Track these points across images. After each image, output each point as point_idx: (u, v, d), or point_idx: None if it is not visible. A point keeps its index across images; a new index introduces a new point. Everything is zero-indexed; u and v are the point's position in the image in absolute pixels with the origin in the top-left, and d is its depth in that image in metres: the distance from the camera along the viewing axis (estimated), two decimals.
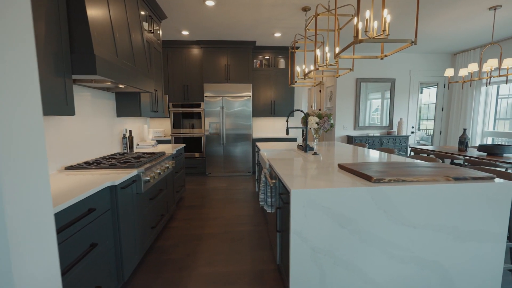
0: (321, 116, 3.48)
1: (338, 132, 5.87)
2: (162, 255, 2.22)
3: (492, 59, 3.31)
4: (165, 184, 2.68)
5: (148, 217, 2.19)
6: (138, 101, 2.81)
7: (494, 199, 1.48)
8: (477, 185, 1.46)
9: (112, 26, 1.98)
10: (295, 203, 1.37)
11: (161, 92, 3.54)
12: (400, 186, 1.42)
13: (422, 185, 1.43)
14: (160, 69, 3.53)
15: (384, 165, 1.81)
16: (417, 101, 6.00)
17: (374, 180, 1.47)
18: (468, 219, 1.48)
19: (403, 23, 3.99)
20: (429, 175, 1.53)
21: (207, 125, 4.93)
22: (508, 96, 6.02)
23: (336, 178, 1.58)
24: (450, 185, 1.45)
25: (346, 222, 1.40)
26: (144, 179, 1.98)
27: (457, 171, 1.61)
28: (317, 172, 1.76)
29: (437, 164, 1.83)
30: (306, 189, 1.37)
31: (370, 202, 1.40)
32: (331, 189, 1.38)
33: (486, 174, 1.53)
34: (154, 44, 3.28)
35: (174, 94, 4.95)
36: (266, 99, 5.30)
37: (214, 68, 4.86)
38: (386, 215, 1.42)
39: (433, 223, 1.46)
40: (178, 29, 4.21)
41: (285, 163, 2.11)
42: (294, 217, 1.37)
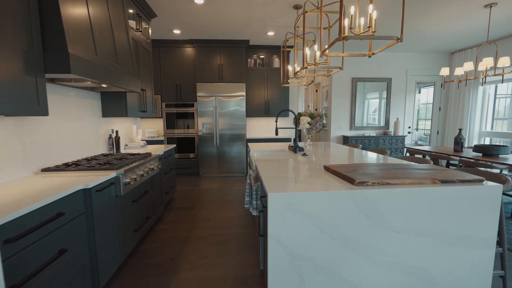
0: (313, 116, 3.41)
1: (334, 132, 5.80)
2: (145, 259, 2.16)
3: (488, 58, 3.24)
4: (151, 186, 2.62)
5: (131, 220, 2.13)
6: (124, 101, 2.75)
7: (483, 203, 1.42)
8: (465, 188, 1.40)
9: (91, 24, 1.92)
10: (273, 207, 1.31)
11: (150, 92, 3.48)
12: (384, 189, 1.35)
13: (407, 188, 1.37)
14: (150, 69, 3.47)
15: (371, 167, 1.75)
16: (414, 101, 5.93)
17: (357, 183, 1.40)
18: (455, 224, 1.41)
19: (394, 22, 3.92)
20: (415, 177, 1.47)
21: (200, 125, 4.86)
22: (506, 95, 5.95)
23: (319, 181, 1.52)
24: (437, 188, 1.38)
25: (327, 227, 1.34)
26: (124, 181, 1.91)
27: (445, 174, 1.54)
28: (302, 174, 1.70)
29: (426, 166, 1.76)
30: (284, 192, 1.30)
31: (352, 206, 1.34)
32: (310, 192, 1.31)
33: (475, 177, 1.46)
34: (143, 43, 3.22)
35: (166, 94, 4.89)
36: (260, 99, 5.24)
37: (207, 68, 4.80)
38: (369, 220, 1.36)
39: (418, 228, 1.40)
40: (170, 28, 4.15)
41: (271, 164, 2.05)
42: (271, 222, 1.31)
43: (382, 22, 3.92)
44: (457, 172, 1.59)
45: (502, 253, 1.60)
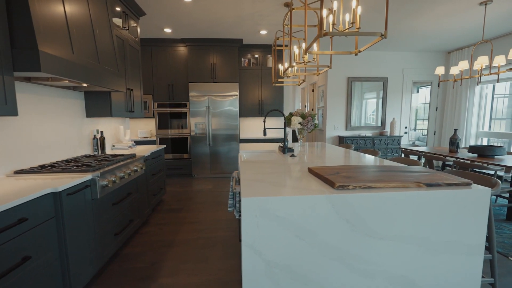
0: (305, 116, 3.35)
1: (329, 133, 5.73)
2: (125, 263, 2.09)
3: (483, 57, 3.17)
4: (135, 188, 2.55)
5: (110, 224, 2.06)
6: (108, 101, 2.68)
7: (470, 207, 1.35)
8: (451, 192, 1.33)
9: (67, 22, 1.85)
10: (246, 213, 1.24)
11: (139, 92, 3.41)
12: (365, 193, 1.28)
13: (390, 192, 1.30)
14: (138, 68, 3.41)
15: (356, 169, 1.68)
16: (410, 100, 5.86)
17: (337, 186, 1.33)
18: (441, 230, 1.34)
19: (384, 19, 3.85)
20: (400, 181, 1.40)
21: (193, 125, 4.80)
22: (504, 95, 5.87)
23: (299, 184, 1.45)
24: (422, 192, 1.31)
25: (304, 234, 1.27)
26: (102, 184, 1.85)
27: (431, 177, 1.47)
28: (284, 177, 1.63)
29: (413, 168, 1.69)
30: (258, 197, 1.24)
31: (330, 211, 1.27)
32: (286, 197, 1.24)
33: (462, 180, 1.39)
34: (130, 41, 3.15)
35: (158, 93, 4.82)
36: (254, 99, 5.17)
37: (200, 67, 4.74)
38: (349, 226, 1.29)
39: (402, 234, 1.33)
40: (160, 26, 4.09)
41: (256, 166, 1.98)
42: (245, 228, 1.24)
43: (371, 19, 3.85)
44: (444, 174, 1.52)
45: (491, 259, 1.53)
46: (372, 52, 5.57)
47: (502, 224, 2.74)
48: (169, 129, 4.87)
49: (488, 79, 5.06)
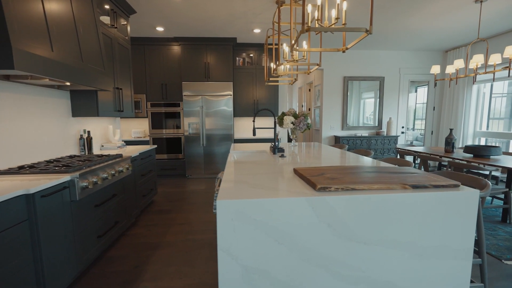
0: (297, 115, 3.29)
1: (325, 132, 5.67)
2: (108, 266, 2.04)
3: (478, 55, 3.11)
4: (121, 188, 2.49)
5: (93, 226, 2.01)
6: (95, 100, 2.62)
7: (458, 210, 1.29)
8: (438, 194, 1.27)
9: (46, 19, 1.80)
10: (222, 216, 1.18)
11: (129, 91, 3.36)
12: (346, 195, 1.23)
13: (373, 195, 1.24)
14: (128, 66, 3.35)
15: (341, 170, 1.62)
16: (407, 100, 5.80)
17: (318, 188, 1.28)
18: (427, 234, 1.29)
19: (378, 17, 3.79)
20: (385, 182, 1.34)
21: (187, 125, 4.74)
22: (502, 94, 5.81)
23: (281, 186, 1.40)
24: (407, 194, 1.26)
25: (283, 238, 1.21)
26: (81, 185, 1.79)
27: (418, 178, 1.41)
28: (267, 178, 1.57)
29: (401, 169, 1.64)
30: (234, 199, 1.18)
31: (311, 215, 1.21)
32: (264, 199, 1.19)
33: (450, 182, 1.33)
34: (119, 40, 3.10)
35: (152, 93, 4.77)
36: (249, 98, 5.11)
37: (193, 66, 4.68)
38: (330, 230, 1.23)
39: (386, 238, 1.27)
40: (152, 25, 4.03)
41: (241, 166, 1.93)
42: (221, 232, 1.19)
43: (363, 17, 3.79)
44: (433, 176, 1.46)
45: (481, 264, 1.47)
46: (368, 51, 5.51)
47: (497, 225, 2.69)
48: (162, 129, 4.82)
49: (485, 78, 5.00)
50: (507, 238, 2.41)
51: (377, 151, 5.46)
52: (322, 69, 5.56)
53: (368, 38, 4.68)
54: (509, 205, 2.72)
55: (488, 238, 2.41)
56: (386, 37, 4.64)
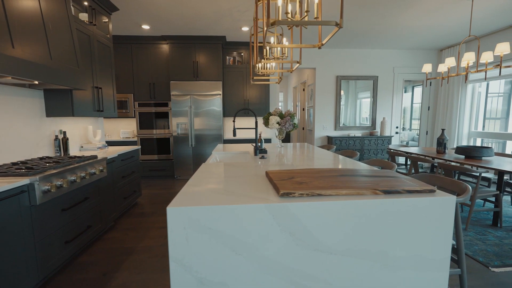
0: (283, 115, 3.20)
1: (318, 133, 5.58)
2: (76, 273, 1.95)
3: (469, 53, 3.01)
4: (95, 191, 2.40)
5: (59, 231, 1.91)
6: (69, 99, 2.53)
7: (433, 218, 1.19)
8: (411, 200, 1.18)
9: (6, 15, 1.71)
10: (173, 224, 1.09)
11: (111, 90, 3.27)
12: (310, 202, 1.13)
13: (341, 201, 1.15)
14: (110, 65, 3.26)
15: (314, 173, 1.52)
16: (402, 99, 5.70)
17: (281, 194, 1.18)
18: (400, 243, 1.19)
19: (369, 15, 3.70)
20: (355, 187, 1.25)
21: (175, 125, 4.65)
22: (498, 94, 5.70)
23: (246, 191, 1.30)
24: (377, 200, 1.16)
25: (241, 248, 1.12)
26: (43, 189, 1.70)
27: (392, 182, 1.32)
28: (235, 182, 1.48)
29: (378, 172, 1.54)
30: (186, 206, 1.09)
31: (271, 223, 1.12)
32: (219, 206, 1.09)
33: (425, 186, 1.24)
34: (99, 38, 3.01)
35: (139, 92, 4.68)
36: (239, 98, 5.02)
37: (182, 65, 4.59)
38: (293, 239, 1.14)
39: (355, 248, 1.17)
40: (137, 22, 3.94)
41: (215, 169, 1.84)
42: (173, 242, 1.09)
43: (353, 15, 3.69)
44: (409, 180, 1.36)
45: (460, 274, 1.37)
46: (361, 50, 5.41)
47: (487, 229, 2.59)
48: (150, 129, 4.73)
49: (480, 77, 4.89)
50: (497, 243, 2.31)
51: (370, 152, 5.36)
52: (314, 68, 5.46)
53: (360, 36, 4.58)
54: (500, 208, 2.63)
55: (477, 243, 2.31)
56: (378, 35, 4.54)
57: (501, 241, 2.34)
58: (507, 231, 2.54)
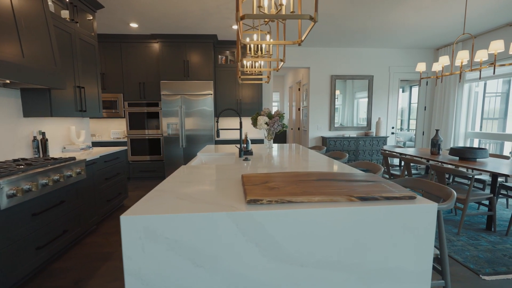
0: (272, 116, 3.12)
1: (312, 133, 5.49)
2: (48, 281, 1.86)
3: (463, 51, 2.92)
4: (72, 194, 2.32)
5: (29, 237, 1.83)
6: (48, 99, 2.45)
7: (412, 226, 1.11)
8: (389, 207, 1.09)
9: None
10: (128, 234, 1.00)
11: (95, 89, 3.18)
12: (280, 210, 1.05)
13: (312, 209, 1.06)
14: (94, 64, 3.18)
15: (290, 177, 1.44)
16: (398, 99, 5.61)
17: (248, 201, 1.10)
18: (377, 254, 1.10)
19: (360, 13, 3.61)
20: (329, 193, 1.16)
21: (165, 125, 4.56)
22: (496, 94, 5.60)
23: (215, 197, 1.22)
24: (352, 208, 1.08)
25: (203, 260, 1.03)
26: (9, 193, 1.62)
27: (371, 188, 1.23)
28: (207, 187, 1.40)
29: (358, 176, 1.45)
30: (142, 215, 1.00)
31: (235, 233, 1.03)
32: (176, 215, 1.01)
33: (405, 193, 1.15)
34: (82, 36, 2.92)
35: (129, 92, 4.60)
36: (231, 98, 4.93)
37: (172, 64, 4.50)
38: (259, 250, 1.05)
39: (328, 260, 1.09)
40: (125, 21, 3.86)
41: (192, 172, 1.75)
42: (128, 253, 1.01)
43: (345, 12, 3.60)
44: (388, 185, 1.27)
45: (444, 286, 1.28)
46: (356, 49, 5.32)
47: (481, 234, 2.49)
48: (140, 130, 4.65)
49: (475, 77, 4.79)
50: (489, 248, 2.22)
51: (365, 153, 5.27)
52: (308, 68, 5.37)
53: (354, 34, 4.49)
54: (493, 212, 2.53)
55: (469, 249, 2.22)
56: (372, 33, 4.45)
57: (494, 247, 2.25)
58: (501, 236, 2.45)
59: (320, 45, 5.15)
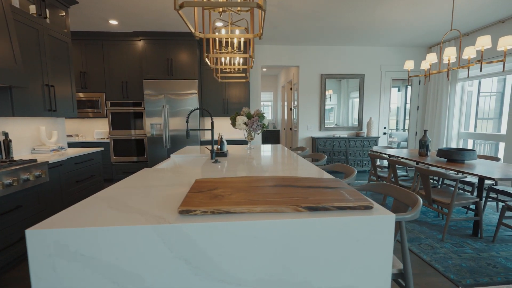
0: (251, 116, 2.99)
1: (302, 133, 5.36)
2: None
3: (450, 48, 2.79)
4: (33, 198, 2.19)
5: None
6: (9, 98, 2.33)
7: (367, 240, 0.98)
8: (341, 219, 0.96)
9: None
10: (36, 251, 0.88)
11: (68, 88, 3.06)
12: (215, 222, 0.92)
13: (252, 221, 0.93)
14: (67, 62, 3.05)
15: (243, 183, 1.31)
16: (390, 99, 5.47)
17: (180, 211, 0.97)
18: (327, 271, 0.98)
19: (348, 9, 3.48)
20: (275, 202, 1.03)
21: (149, 125, 4.44)
22: (491, 93, 5.47)
23: (147, 206, 1.09)
24: (299, 220, 0.95)
25: (123, 279, 0.91)
26: None
27: (326, 196, 1.10)
28: (152, 193, 1.27)
29: (318, 181, 1.32)
30: (52, 229, 0.88)
31: (161, 248, 0.91)
32: (96, 228, 0.88)
33: (361, 202, 1.02)
34: (51, 32, 2.80)
35: (112, 91, 4.47)
36: (218, 97, 4.80)
37: (156, 63, 4.38)
38: (189, 268, 0.92)
39: (271, 279, 0.96)
40: (104, 17, 3.73)
41: (149, 175, 1.63)
42: (36, 273, 0.88)
43: (331, 9, 3.47)
44: (347, 193, 1.15)
45: None
46: (346, 47, 5.19)
47: (466, 240, 2.36)
48: (123, 130, 4.52)
49: (470, 75, 4.66)
50: (474, 256, 2.09)
51: (356, 153, 5.14)
52: (298, 67, 5.24)
53: (341, 32, 4.36)
54: (480, 217, 2.40)
55: (451, 257, 2.09)
56: (360, 31, 4.32)
57: (479, 254, 2.12)
58: (488, 243, 2.32)
59: (309, 43, 5.02)
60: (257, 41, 4.92)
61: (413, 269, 1.95)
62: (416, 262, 2.04)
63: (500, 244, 2.28)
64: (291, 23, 3.98)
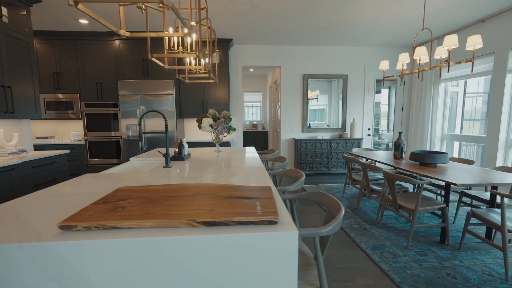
0: (217, 118, 2.91)
1: (284, 135, 5.26)
2: None
3: (420, 47, 2.71)
4: None
5: None
6: None
7: (269, 259, 0.89)
8: (238, 236, 0.87)
9: None
10: None
11: (30, 89, 2.97)
12: (94, 240, 0.83)
13: (138, 238, 0.84)
14: (29, 62, 2.97)
15: (168, 192, 1.22)
16: (373, 100, 5.38)
17: (60, 226, 0.88)
18: None
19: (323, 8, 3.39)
20: (173, 216, 0.94)
21: (124, 127, 4.35)
22: (477, 94, 5.37)
23: (34, 221, 1.00)
24: (192, 237, 0.86)
25: None
26: None
27: (234, 209, 1.01)
28: (66, 204, 1.18)
29: (243, 190, 1.23)
30: None
31: (31, 270, 0.82)
32: None
33: (267, 217, 0.93)
34: (8, 31, 2.71)
35: (86, 92, 4.38)
36: (197, 98, 4.71)
37: (131, 63, 4.29)
38: None
39: None
40: (73, 17, 3.64)
41: (82, 182, 1.54)
42: None
43: (308, 8, 3.38)
44: (259, 205, 1.05)
45: None
46: (329, 47, 5.09)
47: (432, 248, 2.27)
48: (99, 131, 4.43)
49: (451, 76, 4.57)
50: (435, 266, 2.00)
51: (338, 155, 5.04)
52: (279, 67, 5.15)
53: (320, 32, 4.27)
54: (446, 224, 2.31)
55: (412, 266, 2.00)
56: (336, 31, 4.23)
57: (441, 264, 2.02)
58: (453, 250, 2.22)
59: (290, 43, 4.92)
60: (237, 41, 4.83)
61: (367, 280, 1.86)
62: (373, 272, 1.95)
63: (466, 252, 2.19)
64: (265, 22, 3.89)
